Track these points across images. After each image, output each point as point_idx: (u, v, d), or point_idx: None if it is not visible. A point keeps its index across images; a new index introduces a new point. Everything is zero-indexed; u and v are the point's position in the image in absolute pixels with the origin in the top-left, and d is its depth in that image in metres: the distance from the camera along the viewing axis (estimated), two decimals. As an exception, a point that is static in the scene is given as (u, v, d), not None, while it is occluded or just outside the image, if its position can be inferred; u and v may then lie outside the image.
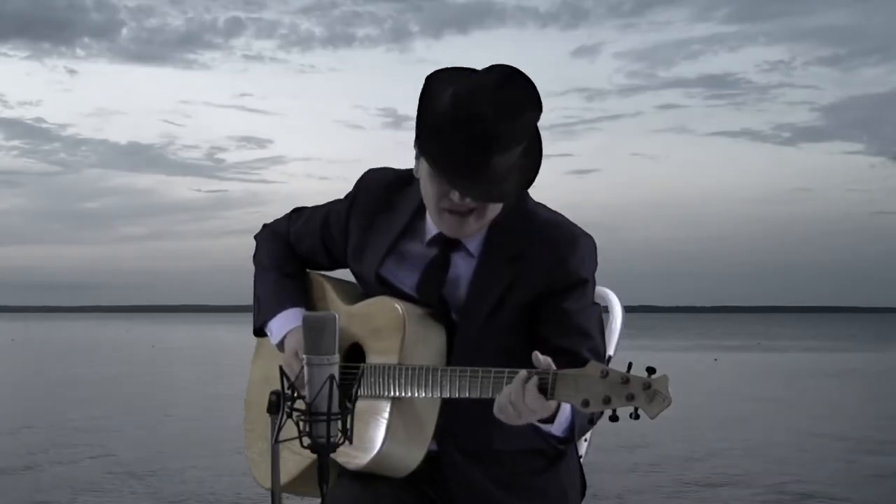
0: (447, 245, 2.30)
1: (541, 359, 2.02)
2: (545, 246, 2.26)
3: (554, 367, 2.02)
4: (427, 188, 2.24)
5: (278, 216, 2.61)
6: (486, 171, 2.12)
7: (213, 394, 15.48)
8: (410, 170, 2.34)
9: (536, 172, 2.21)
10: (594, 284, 2.34)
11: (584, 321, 2.27)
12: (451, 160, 2.13)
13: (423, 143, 2.18)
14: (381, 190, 2.41)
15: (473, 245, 2.30)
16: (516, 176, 2.17)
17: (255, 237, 2.61)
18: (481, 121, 2.09)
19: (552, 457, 2.36)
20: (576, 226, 2.33)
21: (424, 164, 2.21)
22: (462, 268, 2.30)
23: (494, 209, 2.24)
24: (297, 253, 2.54)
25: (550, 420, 2.14)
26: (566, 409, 2.15)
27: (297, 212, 2.58)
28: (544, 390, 2.01)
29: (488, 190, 2.15)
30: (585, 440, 2.59)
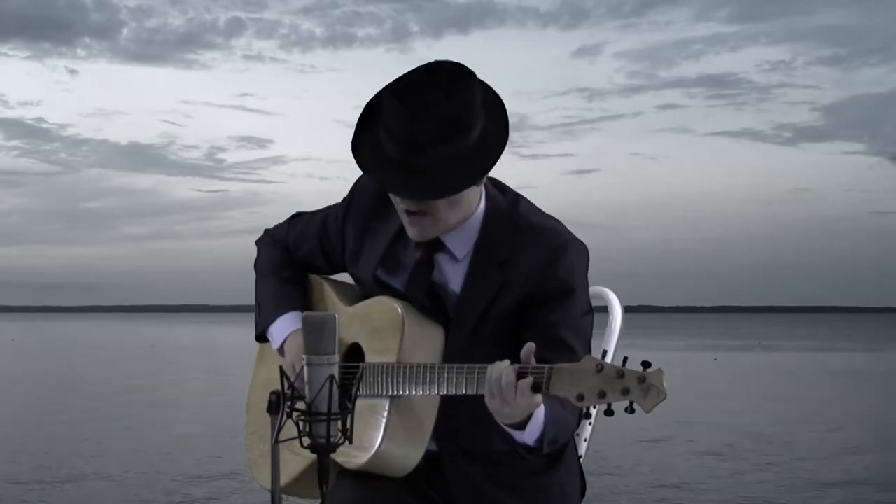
0: (429, 247, 2.31)
1: (532, 357, 2.02)
2: (534, 252, 2.25)
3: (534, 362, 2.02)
4: None
5: (278, 216, 2.63)
6: (420, 171, 2.13)
7: (213, 394, 15.48)
8: None
9: (489, 164, 2.18)
10: (585, 292, 2.31)
11: (568, 334, 2.24)
12: (383, 164, 2.16)
13: (358, 153, 2.21)
14: (376, 193, 2.40)
15: (458, 248, 2.29)
16: (462, 170, 2.16)
17: (256, 243, 2.62)
18: (399, 121, 2.11)
19: (552, 457, 2.35)
20: (567, 232, 2.31)
21: None
22: (448, 271, 2.31)
23: (452, 209, 2.23)
24: (297, 258, 2.55)
25: (521, 427, 2.13)
26: (538, 418, 2.13)
27: (297, 217, 2.58)
28: (539, 384, 2.01)
29: (422, 189, 2.16)
30: (585, 440, 2.59)
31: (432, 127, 2.11)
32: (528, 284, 2.25)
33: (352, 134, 2.24)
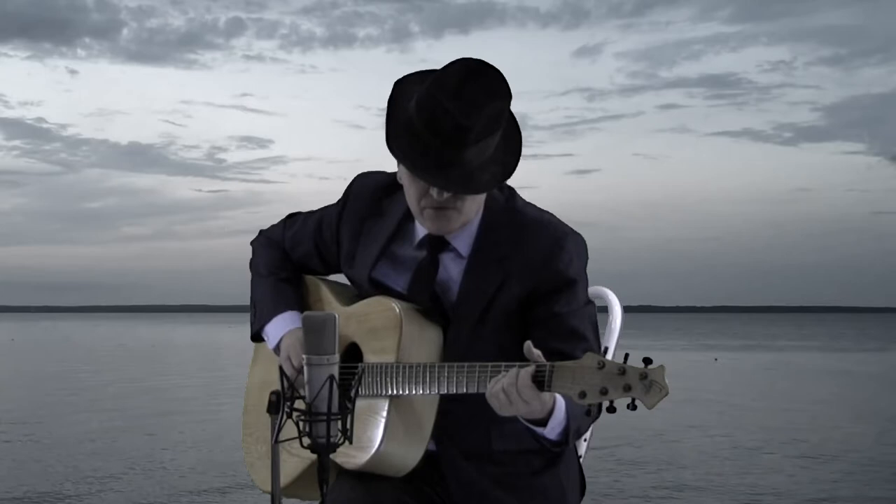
0: (435, 246, 2.31)
1: (534, 351, 2.03)
2: (533, 246, 2.27)
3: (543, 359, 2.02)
4: (408, 190, 2.26)
5: (278, 216, 2.63)
6: (461, 165, 2.14)
7: (213, 395, 15.49)
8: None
9: (515, 162, 2.22)
10: (586, 283, 2.34)
11: (577, 323, 2.27)
12: (425, 158, 2.15)
13: (395, 145, 2.19)
14: (371, 195, 2.42)
15: (462, 246, 2.30)
16: (493, 167, 2.19)
17: (252, 243, 2.63)
18: (448, 116, 2.11)
19: (551, 456, 2.35)
20: (564, 224, 2.33)
21: (403, 168, 2.24)
22: (452, 269, 2.31)
23: (475, 203, 2.26)
24: (292, 259, 2.55)
25: (543, 423, 2.14)
26: (560, 411, 2.15)
27: (292, 217, 2.59)
28: (540, 382, 2.01)
29: (465, 183, 2.16)
30: (585, 440, 2.59)
31: (479, 125, 2.12)
32: (530, 279, 2.26)
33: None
